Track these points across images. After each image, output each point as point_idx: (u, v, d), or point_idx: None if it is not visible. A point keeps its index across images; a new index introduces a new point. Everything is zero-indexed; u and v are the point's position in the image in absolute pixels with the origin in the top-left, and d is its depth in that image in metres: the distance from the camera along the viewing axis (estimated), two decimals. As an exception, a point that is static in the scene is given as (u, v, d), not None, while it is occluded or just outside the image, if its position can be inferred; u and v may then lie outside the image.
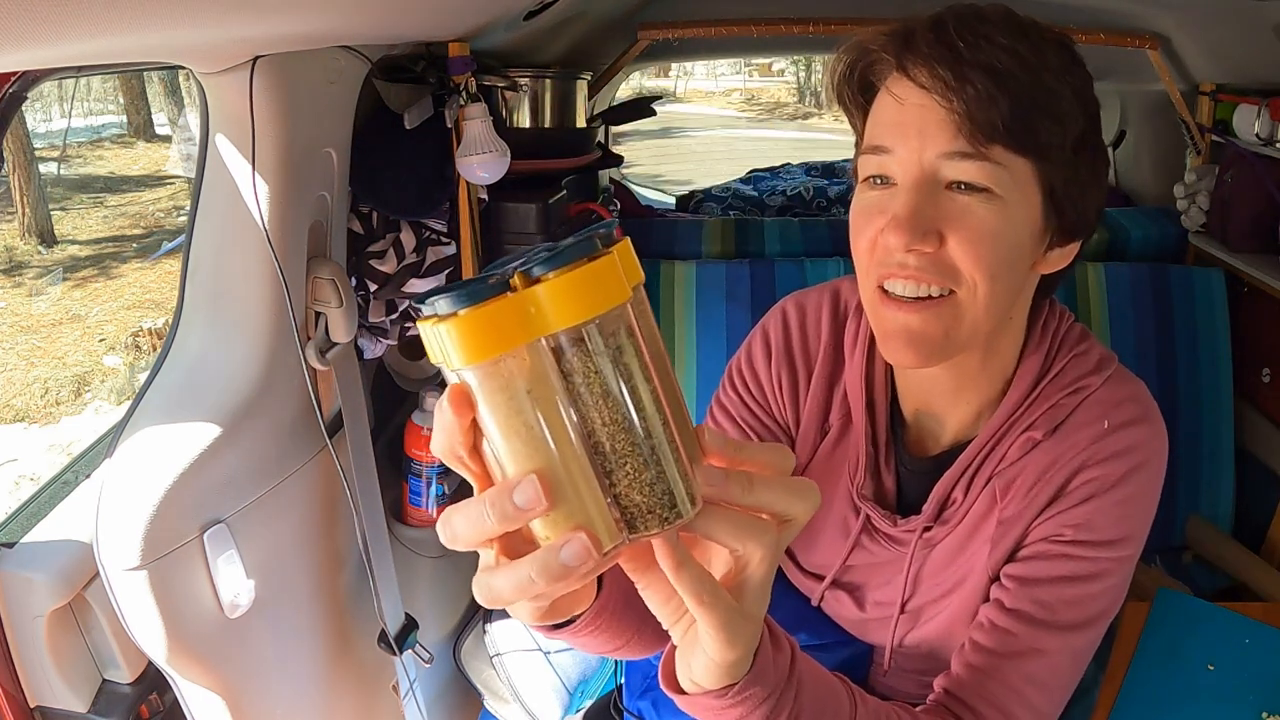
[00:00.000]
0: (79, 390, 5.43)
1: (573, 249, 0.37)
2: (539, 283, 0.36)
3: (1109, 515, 0.75)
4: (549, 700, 1.37)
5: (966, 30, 0.66)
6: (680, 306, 1.74)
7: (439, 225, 1.28)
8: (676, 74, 9.79)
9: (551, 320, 0.36)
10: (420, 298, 0.37)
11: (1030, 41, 0.67)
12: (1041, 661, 0.74)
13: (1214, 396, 1.68)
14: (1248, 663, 1.07)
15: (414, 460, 1.37)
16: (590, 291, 0.36)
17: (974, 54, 0.65)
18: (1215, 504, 1.68)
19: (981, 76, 0.64)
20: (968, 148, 0.66)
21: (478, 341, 0.36)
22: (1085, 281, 1.72)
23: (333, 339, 1.09)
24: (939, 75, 0.65)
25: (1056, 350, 0.79)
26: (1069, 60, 0.69)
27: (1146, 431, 0.77)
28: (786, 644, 0.57)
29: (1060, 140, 0.68)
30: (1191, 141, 1.82)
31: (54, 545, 0.92)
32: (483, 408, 0.38)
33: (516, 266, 0.37)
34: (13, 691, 0.90)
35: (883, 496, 0.86)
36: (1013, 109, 0.65)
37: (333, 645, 1.21)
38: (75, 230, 7.51)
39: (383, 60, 1.12)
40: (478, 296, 0.36)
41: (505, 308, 0.36)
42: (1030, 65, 0.66)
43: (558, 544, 0.38)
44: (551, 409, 0.37)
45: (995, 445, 0.79)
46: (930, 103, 0.67)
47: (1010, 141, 0.66)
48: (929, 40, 0.67)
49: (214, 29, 0.68)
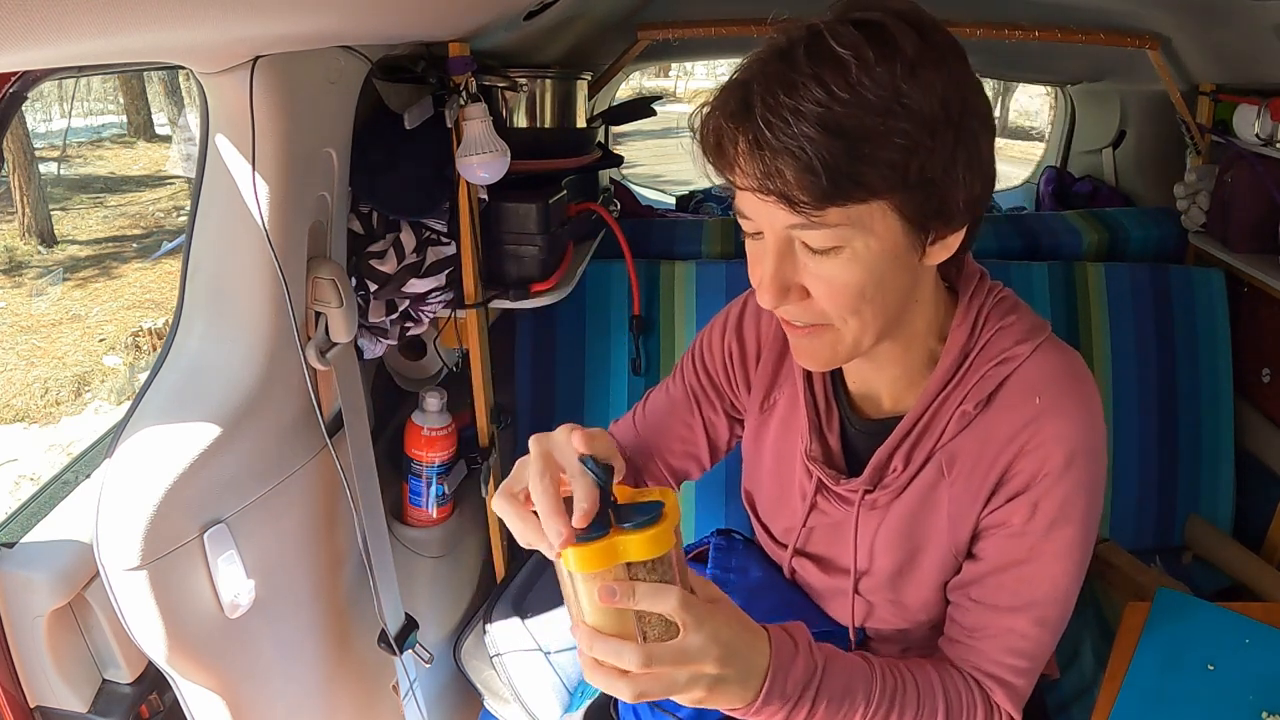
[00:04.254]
0: (79, 390, 5.44)
1: (648, 515, 0.64)
2: (630, 533, 0.63)
3: (1054, 498, 0.78)
4: (549, 700, 1.37)
5: (772, 113, 0.65)
6: (680, 306, 1.74)
7: (439, 225, 1.28)
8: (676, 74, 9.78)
9: (632, 554, 0.64)
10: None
11: (849, 79, 0.65)
12: (1016, 639, 0.81)
13: (1214, 396, 1.68)
14: (1248, 663, 1.07)
15: (414, 460, 1.37)
16: (653, 544, 0.64)
17: (782, 139, 0.65)
18: (1215, 504, 1.68)
19: (792, 162, 0.65)
20: (804, 219, 0.68)
21: (588, 562, 0.63)
22: (1085, 281, 1.72)
23: (333, 339, 1.09)
24: (753, 174, 0.68)
25: (983, 323, 0.81)
26: (904, 71, 0.66)
27: (1078, 407, 0.78)
28: (802, 648, 0.72)
29: (900, 165, 0.67)
30: (1191, 142, 1.82)
31: (54, 545, 0.92)
32: (582, 588, 0.65)
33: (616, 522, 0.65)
34: (13, 691, 0.90)
35: (831, 457, 0.91)
36: (832, 175, 0.65)
37: (333, 645, 1.21)
38: (75, 230, 7.51)
39: (383, 60, 1.12)
40: (589, 537, 0.63)
41: (608, 545, 0.63)
42: (848, 117, 0.65)
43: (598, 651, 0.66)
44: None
45: (932, 418, 0.82)
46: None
47: (841, 199, 0.67)
48: (735, 141, 0.68)
49: (214, 29, 0.68)
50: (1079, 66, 2.42)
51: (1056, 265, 1.74)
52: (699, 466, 1.03)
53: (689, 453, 1.02)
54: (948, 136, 0.68)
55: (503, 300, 1.36)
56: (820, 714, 0.73)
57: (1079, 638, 1.39)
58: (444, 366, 1.51)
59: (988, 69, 2.97)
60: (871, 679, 0.76)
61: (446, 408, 1.38)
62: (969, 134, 0.69)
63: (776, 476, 0.97)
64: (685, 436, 1.01)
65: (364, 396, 1.21)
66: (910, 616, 0.90)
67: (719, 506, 1.68)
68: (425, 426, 1.36)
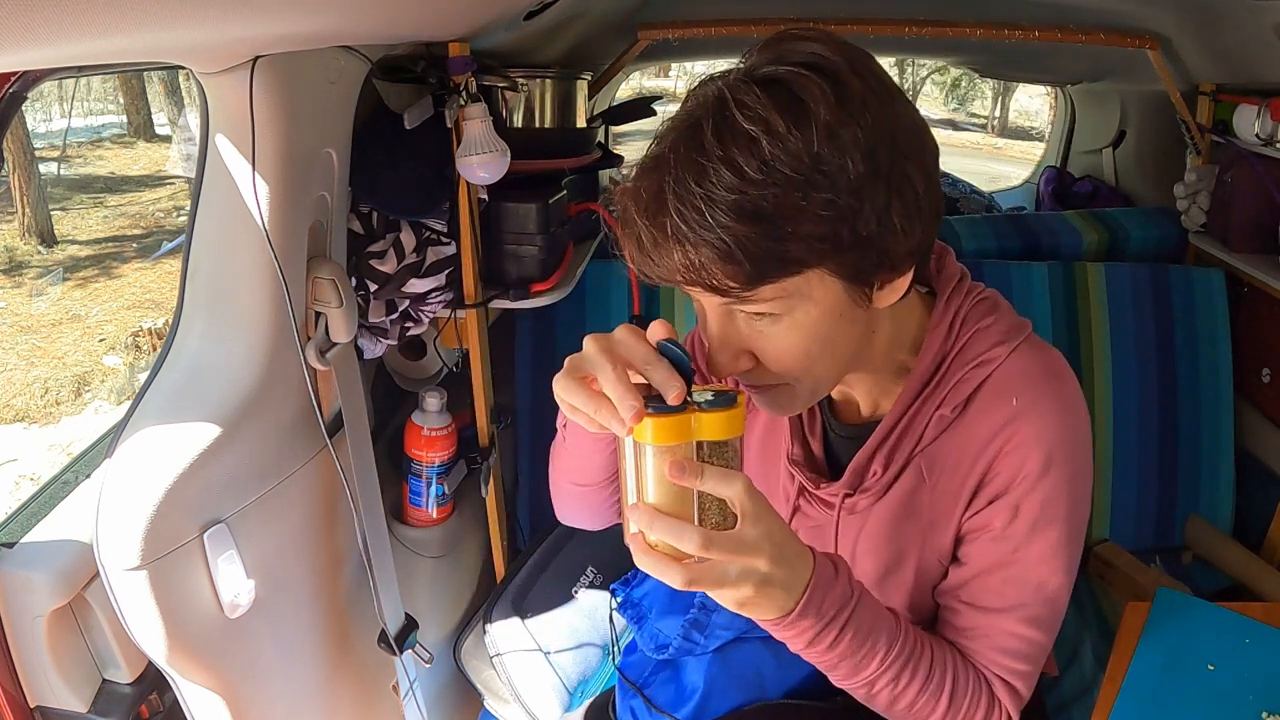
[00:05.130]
0: (79, 390, 5.44)
1: (724, 398, 0.63)
2: (705, 411, 0.63)
3: (1035, 500, 0.77)
4: (549, 700, 1.37)
5: (684, 205, 0.63)
6: (680, 306, 1.74)
7: (439, 225, 1.28)
8: (676, 74, 9.78)
9: (705, 433, 0.63)
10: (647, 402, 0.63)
11: (761, 157, 0.61)
12: (1009, 639, 0.80)
13: (1214, 396, 1.69)
14: (1248, 663, 1.07)
15: (414, 460, 1.37)
16: (727, 425, 0.63)
17: (699, 231, 0.63)
18: (1215, 504, 1.68)
19: (711, 254, 0.63)
20: (736, 300, 0.67)
21: (663, 434, 0.63)
22: (1085, 281, 1.72)
23: (333, 339, 1.09)
24: (674, 268, 0.65)
25: (960, 326, 0.80)
26: (820, 134, 0.62)
27: (1056, 406, 0.77)
28: (842, 575, 0.71)
29: (829, 236, 0.64)
30: (1191, 141, 1.82)
31: (54, 545, 0.92)
32: (651, 463, 0.64)
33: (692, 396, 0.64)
34: (13, 691, 0.90)
35: (813, 462, 0.90)
36: (756, 261, 0.63)
37: (333, 645, 1.21)
38: (75, 230, 7.51)
39: (383, 60, 1.12)
40: (667, 409, 0.63)
41: (683, 420, 0.63)
42: (764, 198, 0.62)
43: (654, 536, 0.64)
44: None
45: (910, 423, 0.81)
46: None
47: (773, 278, 0.65)
48: (651, 238, 0.66)
49: (214, 29, 0.68)
50: (1079, 66, 2.43)
51: (1056, 265, 1.74)
52: None
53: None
54: (878, 190, 0.64)
55: (503, 300, 1.36)
56: (844, 645, 0.71)
57: (1079, 638, 1.39)
58: (444, 366, 1.51)
59: (988, 69, 2.98)
60: (897, 630, 0.75)
61: (446, 408, 1.38)
62: (903, 179, 0.66)
63: (760, 480, 0.96)
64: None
65: (364, 396, 1.21)
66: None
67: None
68: (425, 426, 1.36)
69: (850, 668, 0.73)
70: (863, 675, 0.74)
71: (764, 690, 0.94)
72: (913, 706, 0.77)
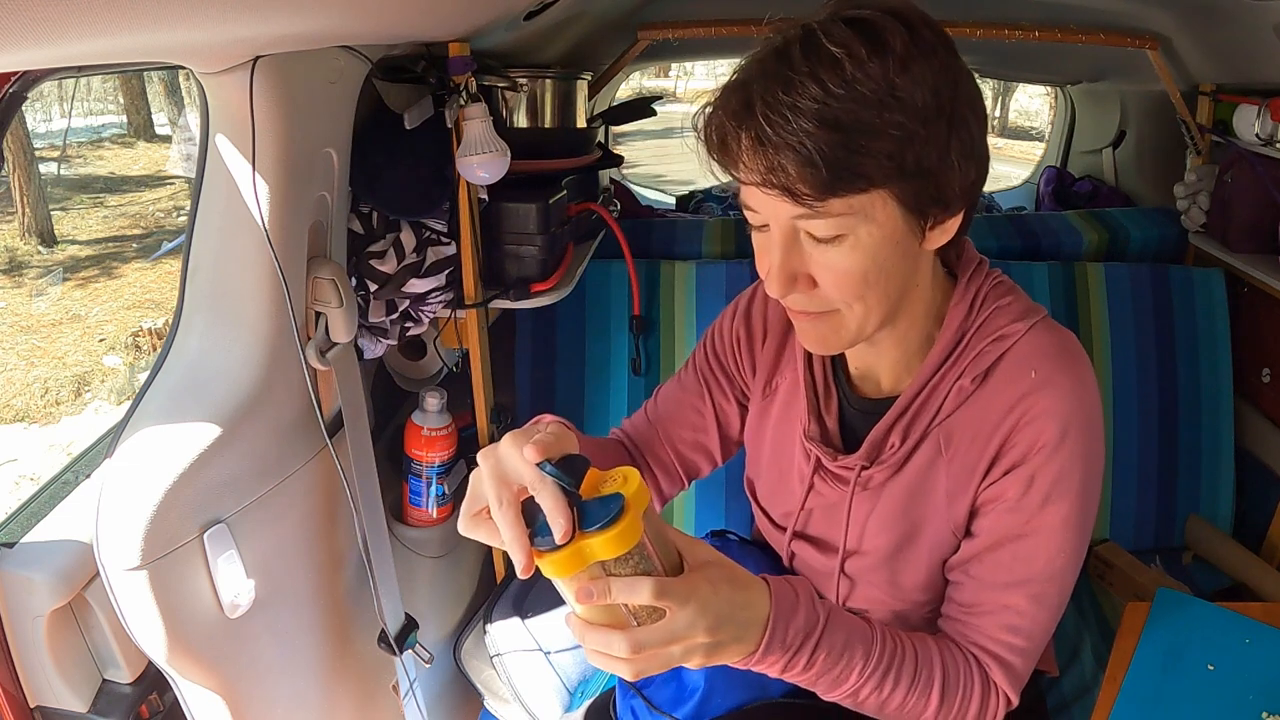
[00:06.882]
0: (79, 390, 5.43)
1: (610, 510, 0.62)
2: (595, 534, 0.62)
3: (1049, 472, 0.79)
4: (549, 700, 1.37)
5: (772, 110, 0.68)
6: (680, 306, 1.74)
7: (439, 225, 1.28)
8: (676, 74, 9.79)
9: (600, 554, 0.63)
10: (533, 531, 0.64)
11: (844, 76, 0.67)
12: (1012, 615, 0.82)
13: (1214, 396, 1.68)
14: (1248, 663, 1.07)
15: (414, 460, 1.37)
16: (619, 541, 0.63)
17: (783, 135, 0.68)
18: (1215, 504, 1.68)
19: (793, 157, 0.68)
20: (807, 210, 0.71)
21: (559, 569, 0.64)
22: (1085, 281, 1.72)
23: (333, 339, 1.09)
24: (756, 169, 0.71)
25: (981, 303, 0.84)
26: (895, 65, 0.68)
27: (1073, 382, 0.80)
28: (804, 600, 0.74)
29: (897, 156, 0.69)
30: (1191, 141, 1.82)
31: (54, 545, 0.92)
32: (563, 587, 0.66)
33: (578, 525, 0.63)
34: (13, 691, 0.90)
35: (828, 438, 0.93)
36: (832, 168, 0.68)
37: (333, 645, 1.21)
38: (75, 230, 7.51)
39: (383, 60, 1.12)
40: (553, 547, 0.63)
41: (575, 550, 0.63)
42: (844, 111, 0.67)
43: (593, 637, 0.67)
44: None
45: (930, 395, 0.84)
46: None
47: (842, 190, 0.70)
48: (738, 139, 0.71)
49: (214, 29, 0.68)
50: (1079, 66, 2.43)
51: (1056, 265, 1.74)
52: (709, 459, 1.04)
53: (699, 442, 1.03)
54: (941, 125, 0.70)
55: (503, 300, 1.36)
56: (819, 665, 0.74)
57: (1079, 638, 1.39)
58: (444, 366, 1.51)
59: (988, 69, 2.97)
60: (872, 640, 0.78)
61: (446, 408, 1.38)
62: (961, 121, 0.72)
63: (776, 461, 0.98)
64: (696, 423, 1.03)
65: (364, 396, 1.21)
66: (906, 597, 0.91)
67: (719, 506, 1.68)
68: (425, 426, 1.36)
69: (829, 683, 0.76)
70: (844, 688, 0.77)
71: (764, 689, 0.94)
72: (903, 707, 0.79)
